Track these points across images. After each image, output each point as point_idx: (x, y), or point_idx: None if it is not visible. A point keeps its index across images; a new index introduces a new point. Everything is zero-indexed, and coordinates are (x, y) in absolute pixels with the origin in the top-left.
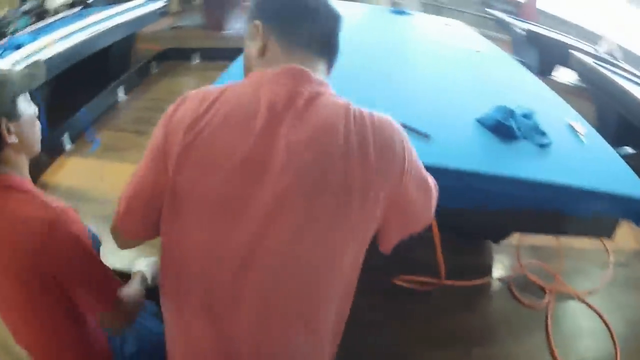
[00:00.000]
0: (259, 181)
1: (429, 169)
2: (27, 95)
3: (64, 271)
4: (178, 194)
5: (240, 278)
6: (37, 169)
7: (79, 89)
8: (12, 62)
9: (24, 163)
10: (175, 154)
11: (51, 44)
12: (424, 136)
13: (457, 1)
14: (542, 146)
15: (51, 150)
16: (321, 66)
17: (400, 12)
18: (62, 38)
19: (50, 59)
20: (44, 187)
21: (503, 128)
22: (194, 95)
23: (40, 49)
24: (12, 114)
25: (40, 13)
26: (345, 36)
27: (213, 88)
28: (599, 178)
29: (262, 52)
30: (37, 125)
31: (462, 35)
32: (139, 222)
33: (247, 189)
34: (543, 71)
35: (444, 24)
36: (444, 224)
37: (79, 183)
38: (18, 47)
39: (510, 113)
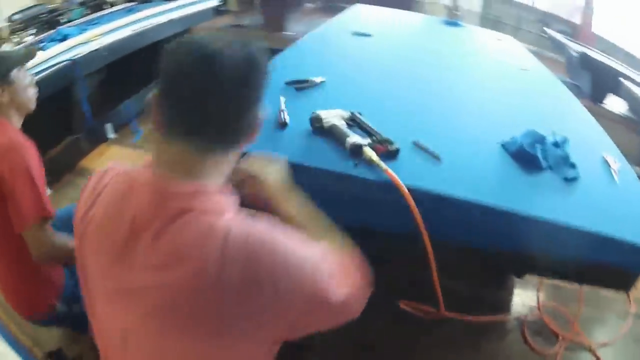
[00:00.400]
0: (121, 302)
1: (431, 196)
2: (24, 68)
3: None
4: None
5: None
6: (78, 154)
7: (131, 81)
8: (58, 52)
9: (15, 116)
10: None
11: (97, 37)
12: (435, 157)
13: (516, 18)
14: (568, 180)
15: (94, 137)
16: (211, 161)
17: (453, 24)
18: (109, 32)
19: (95, 51)
20: (83, 171)
21: (527, 156)
22: (90, 182)
23: (86, 42)
24: (5, 81)
25: (97, 5)
26: (391, 43)
27: (109, 173)
28: (626, 225)
29: (156, 129)
30: (30, 91)
31: (511, 52)
32: None
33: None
34: (594, 97)
35: (495, 39)
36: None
37: None
38: (64, 38)
39: (540, 139)
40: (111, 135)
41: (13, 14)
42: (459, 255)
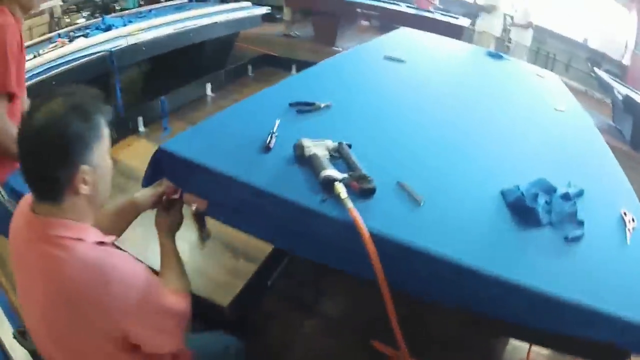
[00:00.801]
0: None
1: (396, 245)
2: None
3: None
4: None
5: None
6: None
7: (171, 78)
8: (98, 42)
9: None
10: None
11: (138, 32)
12: (416, 201)
13: (567, 54)
14: (570, 240)
15: (123, 128)
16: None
17: (496, 56)
18: (151, 27)
19: (134, 45)
20: None
21: (524, 208)
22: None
23: (127, 35)
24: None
25: None
26: (422, 71)
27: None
28: (624, 297)
29: None
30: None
31: (549, 90)
32: None
33: None
34: (635, 143)
35: (535, 74)
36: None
37: (138, 164)
38: (108, 28)
39: (549, 190)
40: (141, 128)
41: None
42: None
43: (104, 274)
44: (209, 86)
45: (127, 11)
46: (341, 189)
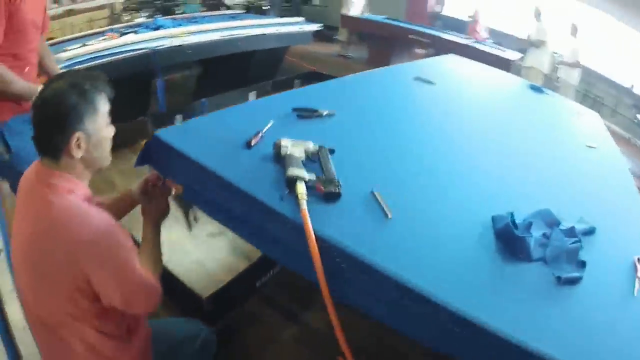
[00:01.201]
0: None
1: (353, 259)
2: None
3: None
4: None
5: None
6: (142, 134)
7: (216, 83)
8: (144, 39)
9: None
10: None
11: (185, 35)
12: (384, 214)
13: (614, 100)
14: (564, 281)
15: (161, 123)
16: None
17: (537, 89)
18: (199, 32)
19: (178, 47)
20: (138, 150)
21: (512, 238)
22: None
23: (173, 36)
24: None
25: (214, 4)
26: (450, 94)
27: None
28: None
29: None
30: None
31: (586, 127)
32: None
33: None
34: None
35: (575, 111)
36: None
37: None
38: (157, 28)
39: (550, 223)
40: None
41: None
42: None
43: (81, 221)
44: (253, 95)
45: (181, 15)
46: (302, 189)
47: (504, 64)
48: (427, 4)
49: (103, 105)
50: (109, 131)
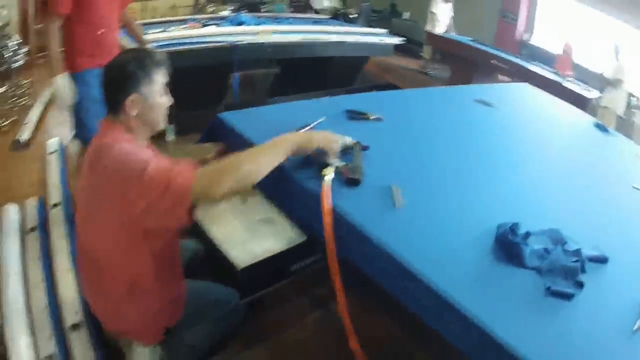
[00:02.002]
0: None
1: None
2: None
3: None
4: None
5: None
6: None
7: (293, 84)
8: (225, 32)
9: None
10: None
11: (266, 33)
12: (393, 204)
13: None
14: (551, 292)
15: None
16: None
17: (602, 129)
18: (280, 32)
19: (259, 44)
20: None
21: (507, 244)
22: None
23: (254, 33)
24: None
25: (301, 7)
26: (505, 117)
27: None
28: None
29: None
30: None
31: None
32: None
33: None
34: None
35: (635, 153)
36: None
37: None
38: (240, 24)
39: (555, 241)
40: None
41: None
42: None
43: (115, 157)
44: (322, 99)
45: (265, 13)
46: (329, 171)
47: (580, 102)
48: (516, 31)
49: (159, 77)
50: (164, 100)
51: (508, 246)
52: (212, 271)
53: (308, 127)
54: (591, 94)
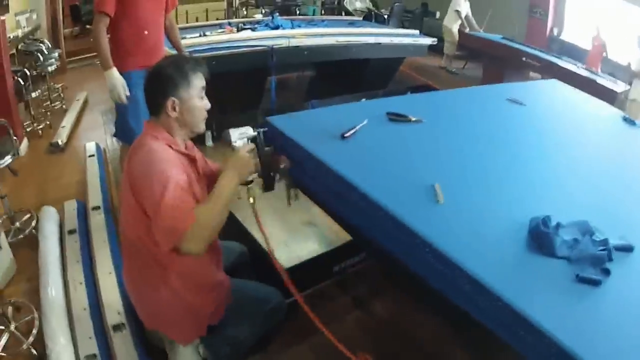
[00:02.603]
0: None
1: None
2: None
3: None
4: None
5: None
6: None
7: (329, 85)
8: (262, 37)
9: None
10: None
11: (302, 37)
12: (436, 200)
13: None
14: (580, 279)
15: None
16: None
17: (630, 122)
18: (317, 35)
19: (296, 48)
20: None
21: (540, 234)
22: None
23: (291, 36)
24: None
25: (332, 9)
26: (536, 116)
27: None
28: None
29: None
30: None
31: None
32: None
33: None
34: None
35: None
36: None
37: None
38: (276, 27)
39: (584, 231)
40: None
41: None
42: None
43: (143, 154)
44: (362, 102)
45: (300, 16)
46: (253, 192)
47: (609, 95)
48: (546, 26)
49: (197, 82)
50: (203, 103)
51: (540, 237)
52: (255, 271)
53: (353, 130)
54: (619, 87)
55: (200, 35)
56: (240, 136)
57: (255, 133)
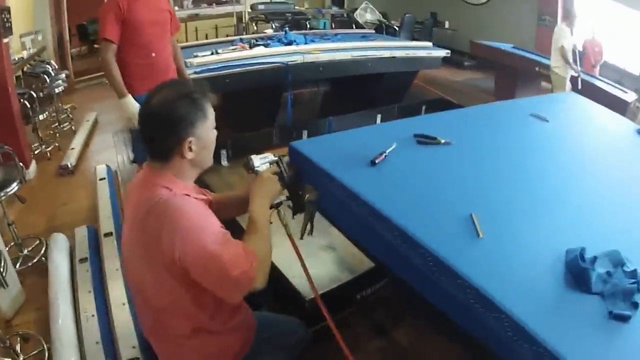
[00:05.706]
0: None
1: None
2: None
3: None
4: None
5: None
6: (267, 144)
7: (347, 102)
8: (276, 53)
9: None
10: None
11: (317, 52)
12: (477, 234)
13: None
14: (614, 316)
15: (287, 136)
16: (163, 168)
17: None
18: (332, 50)
19: (310, 64)
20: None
21: (577, 269)
22: None
23: (306, 52)
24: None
25: (344, 22)
26: (560, 132)
27: None
28: None
29: None
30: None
31: None
32: None
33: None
34: None
35: None
36: None
37: None
38: (289, 43)
39: (615, 263)
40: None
41: (257, 3)
42: None
43: (172, 217)
44: (379, 117)
45: (312, 30)
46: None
47: (619, 105)
48: None
49: (211, 112)
50: (215, 133)
51: (578, 272)
52: (276, 299)
53: (384, 155)
54: (628, 96)
55: (212, 53)
56: (262, 161)
57: (277, 158)
